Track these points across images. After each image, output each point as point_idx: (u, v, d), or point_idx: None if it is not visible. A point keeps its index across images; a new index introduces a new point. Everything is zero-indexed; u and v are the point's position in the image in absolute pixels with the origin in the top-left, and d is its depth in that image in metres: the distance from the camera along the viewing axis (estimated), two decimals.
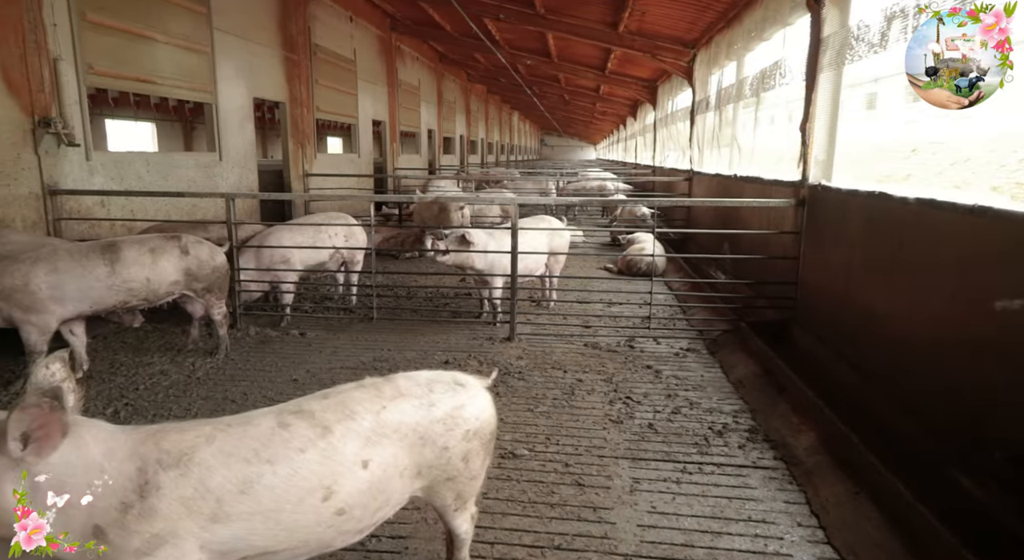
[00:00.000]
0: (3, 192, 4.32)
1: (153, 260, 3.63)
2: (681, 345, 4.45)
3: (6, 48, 4.25)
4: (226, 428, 1.43)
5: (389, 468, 1.52)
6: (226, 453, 1.38)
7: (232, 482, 1.35)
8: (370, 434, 1.50)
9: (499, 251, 4.72)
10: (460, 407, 1.65)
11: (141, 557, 1.27)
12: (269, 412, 1.52)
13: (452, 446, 1.62)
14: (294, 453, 1.41)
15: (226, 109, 7.09)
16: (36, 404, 1.20)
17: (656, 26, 8.13)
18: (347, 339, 4.58)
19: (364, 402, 1.55)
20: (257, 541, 1.39)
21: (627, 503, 2.38)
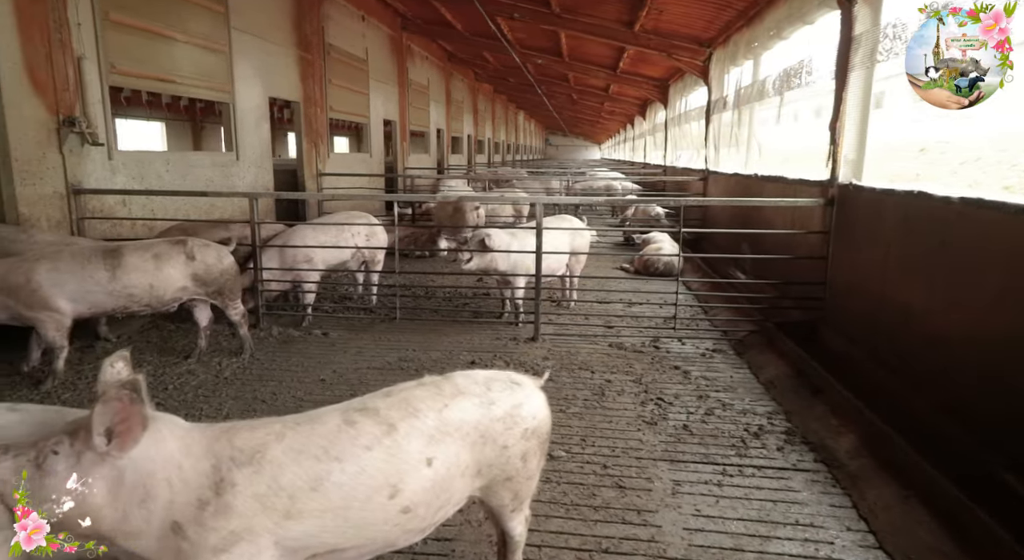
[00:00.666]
0: (29, 191, 4.32)
1: (157, 266, 3.56)
2: (706, 345, 4.42)
3: (32, 47, 4.26)
4: (294, 426, 1.44)
5: (452, 467, 1.52)
6: (296, 450, 1.38)
7: (303, 479, 1.35)
8: (434, 432, 1.50)
9: (523, 251, 4.70)
10: (518, 405, 1.63)
11: (219, 554, 1.27)
12: (334, 410, 1.52)
13: (511, 445, 1.60)
14: (361, 451, 1.42)
15: (243, 108, 7.10)
16: (117, 397, 1.20)
17: (673, 25, 8.08)
18: (370, 339, 4.56)
19: (426, 400, 1.55)
20: (327, 538, 1.39)
21: (670, 506, 2.36)
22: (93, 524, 1.26)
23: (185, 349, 4.24)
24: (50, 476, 1.22)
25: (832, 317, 4.05)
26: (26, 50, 4.22)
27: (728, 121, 8.19)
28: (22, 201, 4.27)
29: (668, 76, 12.45)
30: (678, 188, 11.54)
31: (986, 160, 12.12)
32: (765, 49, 7.40)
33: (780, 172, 5.96)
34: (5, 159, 4.16)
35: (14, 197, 4.22)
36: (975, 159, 12.75)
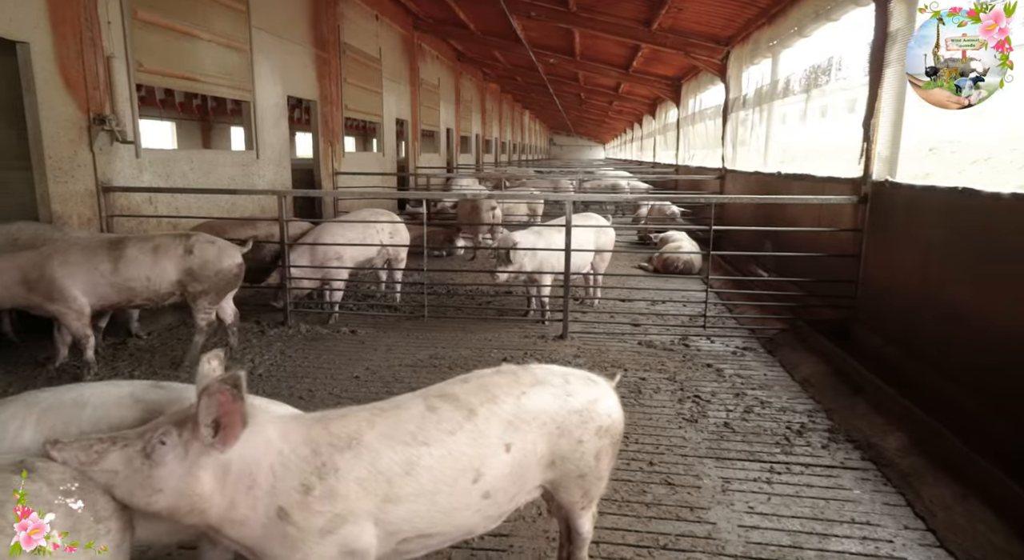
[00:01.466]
0: (61, 189, 4.34)
1: (154, 259, 3.52)
2: (736, 344, 4.40)
3: (64, 46, 4.28)
4: (380, 412, 1.47)
5: (528, 454, 1.52)
6: (388, 436, 1.41)
7: (398, 463, 1.38)
8: (512, 418, 1.51)
9: (550, 249, 4.70)
10: (595, 401, 1.63)
11: (325, 536, 1.30)
12: (415, 396, 1.54)
13: (586, 440, 1.59)
14: (445, 435, 1.44)
15: (263, 107, 7.11)
16: (220, 391, 1.22)
17: (691, 23, 8.06)
18: (398, 337, 4.56)
19: (504, 387, 1.55)
20: (419, 523, 1.41)
21: (723, 503, 2.35)
22: (202, 514, 1.28)
23: (215, 343, 4.25)
24: (159, 466, 1.25)
25: (866, 315, 4.02)
26: (59, 49, 4.24)
27: (747, 119, 8.16)
28: (55, 199, 4.29)
29: (681, 75, 12.41)
30: (692, 187, 11.51)
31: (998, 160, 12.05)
32: (785, 47, 7.37)
33: (803, 170, 5.93)
34: (39, 157, 4.19)
35: (47, 195, 4.24)
36: (985, 159, 12.69)
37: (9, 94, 4.30)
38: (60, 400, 1.51)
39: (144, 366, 3.82)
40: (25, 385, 3.46)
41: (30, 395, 1.54)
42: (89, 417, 1.48)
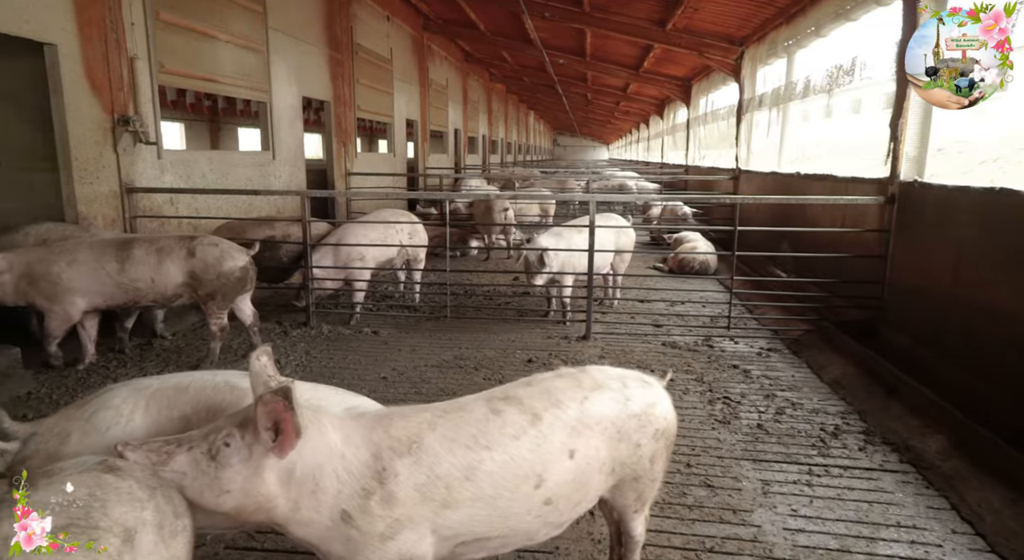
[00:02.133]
0: (87, 190, 4.36)
1: (159, 260, 3.52)
2: (760, 344, 4.38)
3: (90, 47, 4.30)
4: (443, 414, 1.45)
5: (591, 461, 1.50)
6: (449, 439, 1.39)
7: (458, 468, 1.36)
8: (575, 424, 1.49)
9: (574, 249, 4.69)
10: (652, 404, 1.61)
11: (386, 541, 1.31)
12: (478, 398, 1.53)
13: (644, 444, 1.58)
14: (509, 439, 1.42)
15: (279, 108, 7.13)
16: (274, 402, 1.22)
17: (706, 23, 8.04)
18: (421, 337, 4.56)
19: (567, 391, 1.54)
20: (477, 527, 1.40)
21: (765, 506, 2.33)
22: (268, 513, 1.30)
23: (240, 347, 4.26)
24: (225, 468, 1.25)
25: (893, 316, 3.99)
26: (85, 50, 4.26)
27: (762, 119, 8.13)
28: (81, 200, 4.30)
29: (692, 75, 12.38)
30: (703, 187, 11.48)
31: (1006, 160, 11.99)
32: (801, 47, 7.35)
33: (823, 170, 5.90)
34: (65, 158, 4.20)
35: (73, 196, 4.26)
36: (993, 159, 12.64)
37: (35, 96, 4.33)
38: (164, 386, 1.62)
39: (172, 367, 3.83)
40: (56, 385, 3.47)
41: (137, 382, 1.66)
42: (189, 401, 1.57)
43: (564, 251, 4.72)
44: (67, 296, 3.42)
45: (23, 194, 4.45)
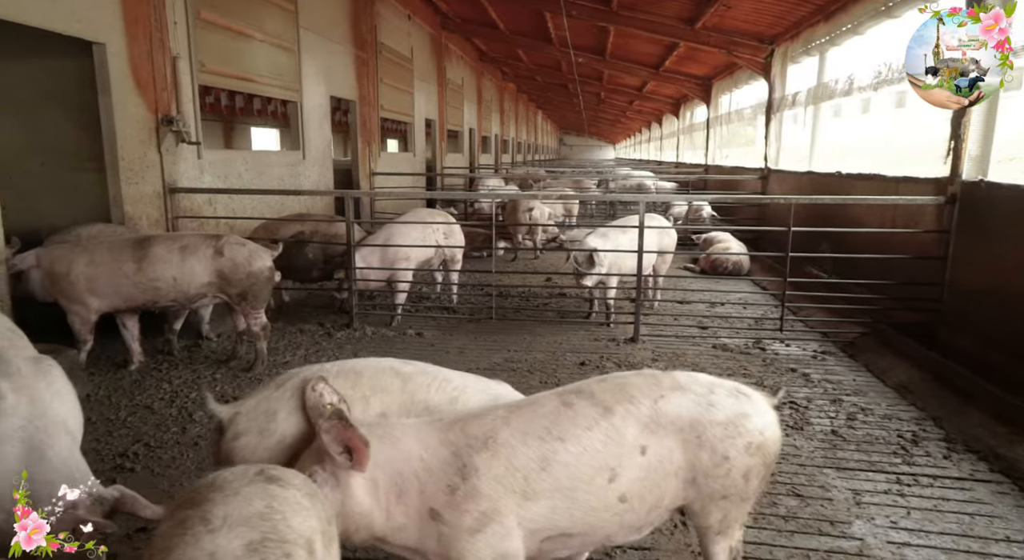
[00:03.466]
0: (132, 190, 4.33)
1: (182, 259, 3.42)
2: (812, 347, 4.31)
3: (136, 46, 4.26)
4: (516, 409, 1.51)
5: (665, 461, 1.48)
6: (522, 432, 1.43)
7: (533, 459, 1.40)
8: (648, 421, 1.48)
9: (623, 249, 4.64)
10: (744, 415, 1.52)
11: (475, 534, 1.36)
12: (549, 394, 1.57)
13: (733, 457, 1.50)
14: (581, 431, 1.45)
15: (308, 107, 7.09)
16: (332, 427, 1.32)
17: (737, 21, 7.95)
18: (466, 339, 4.51)
19: (642, 388, 1.53)
20: (558, 520, 1.43)
21: (862, 517, 2.26)
22: (368, 529, 1.38)
23: (286, 346, 4.22)
24: None
25: (954, 319, 3.90)
26: (132, 50, 4.23)
27: (794, 118, 8.03)
28: (127, 200, 4.28)
29: (713, 74, 12.28)
30: (725, 187, 11.36)
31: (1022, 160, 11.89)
32: (834, 45, 7.25)
33: (862, 169, 5.80)
34: (113, 158, 4.18)
35: (120, 196, 4.23)
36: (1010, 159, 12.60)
37: (81, 95, 4.30)
38: (343, 369, 1.78)
39: (223, 369, 3.79)
40: (113, 387, 3.45)
41: (319, 366, 1.81)
42: (366, 383, 1.73)
43: (614, 252, 4.65)
44: (84, 296, 3.37)
45: (66, 194, 4.43)
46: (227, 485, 1.08)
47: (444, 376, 1.80)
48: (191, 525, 0.97)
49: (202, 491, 1.07)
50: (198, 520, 0.98)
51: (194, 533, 0.95)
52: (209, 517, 0.98)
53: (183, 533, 0.96)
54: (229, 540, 0.95)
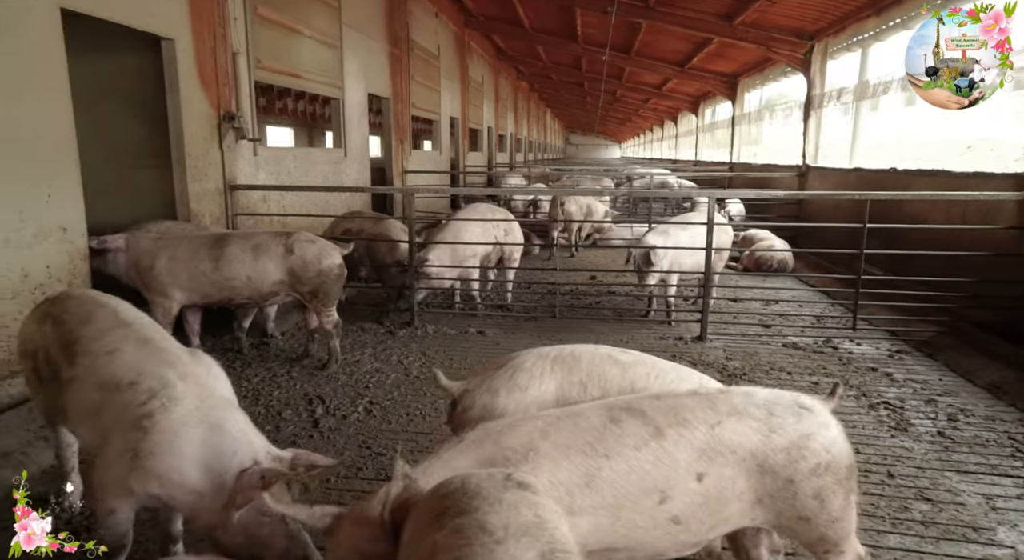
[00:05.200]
0: (197, 187, 4.29)
1: (255, 258, 3.41)
2: (885, 346, 4.23)
3: (201, 43, 4.22)
4: (556, 421, 1.42)
5: (725, 490, 1.40)
6: (564, 445, 1.36)
7: (576, 475, 1.33)
8: (704, 447, 1.39)
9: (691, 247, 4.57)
10: (806, 436, 1.42)
11: None
12: (597, 406, 1.49)
13: (799, 481, 1.40)
14: (629, 450, 1.37)
15: (349, 104, 7.05)
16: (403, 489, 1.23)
17: (779, 17, 7.85)
18: (529, 338, 4.45)
19: (697, 412, 1.44)
20: (604, 537, 1.37)
21: (1004, 523, 2.19)
22: None
23: (352, 345, 4.17)
24: None
25: None
26: (197, 46, 4.19)
27: (835, 114, 7.93)
28: (192, 197, 4.24)
29: (741, 71, 12.17)
30: (755, 184, 11.25)
31: None
32: (878, 40, 7.15)
33: (923, 166, 5.71)
34: (180, 155, 4.14)
35: (186, 193, 4.20)
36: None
37: (143, 92, 4.27)
38: (562, 354, 1.86)
39: (296, 367, 3.75)
40: None
41: (538, 350, 1.92)
42: (584, 369, 1.79)
43: (679, 249, 4.60)
44: (168, 289, 3.38)
45: (127, 191, 4.40)
46: (485, 491, 1.02)
47: (660, 367, 1.83)
48: (473, 535, 0.92)
49: (460, 498, 1.01)
50: (477, 529, 0.92)
51: (481, 543, 0.90)
52: (488, 527, 0.93)
53: (468, 543, 0.90)
54: (522, 551, 0.90)
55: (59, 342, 1.79)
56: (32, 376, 1.94)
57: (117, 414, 1.59)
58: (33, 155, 2.89)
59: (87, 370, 1.69)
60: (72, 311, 1.85)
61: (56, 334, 1.81)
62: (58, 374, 1.77)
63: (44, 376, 1.87)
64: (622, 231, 8.47)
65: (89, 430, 1.70)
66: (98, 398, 1.64)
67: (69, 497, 2.16)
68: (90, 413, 1.66)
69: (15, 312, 2.80)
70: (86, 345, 1.73)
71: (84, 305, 1.88)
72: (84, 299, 1.94)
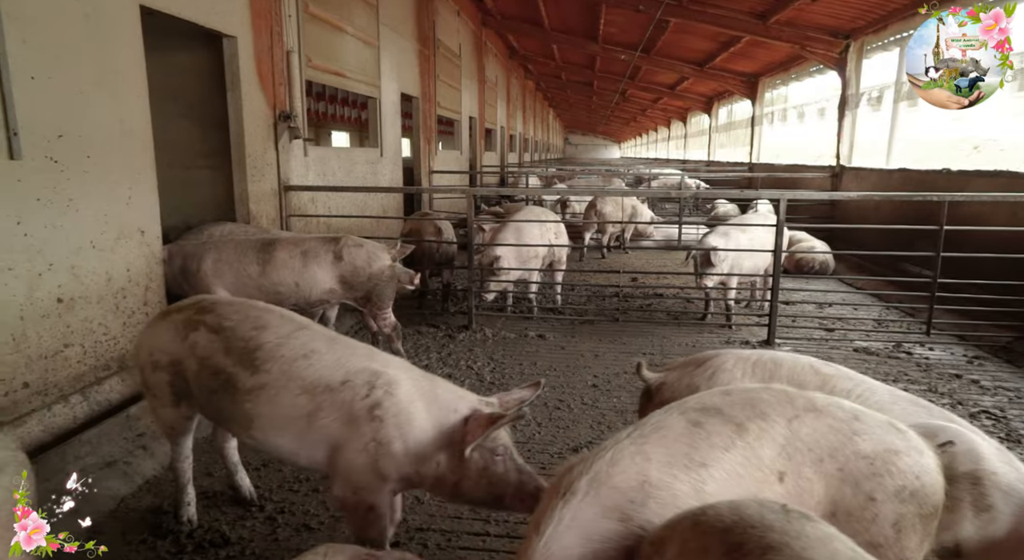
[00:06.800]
0: (255, 187, 4.19)
1: (303, 264, 3.30)
2: (959, 351, 4.15)
3: (259, 41, 4.12)
4: (641, 439, 1.28)
5: (804, 493, 1.26)
6: (667, 464, 1.24)
7: (688, 495, 1.21)
8: (784, 443, 1.29)
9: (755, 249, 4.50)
10: (894, 452, 1.29)
11: None
12: (667, 413, 1.36)
13: (880, 500, 1.26)
14: (720, 453, 1.27)
15: (385, 104, 6.95)
16: None
17: (817, 15, 7.78)
18: (590, 342, 4.36)
19: (774, 405, 1.34)
20: None
21: None
22: None
23: (414, 349, 4.07)
24: None
25: None
26: (256, 44, 4.09)
27: (872, 114, 7.86)
28: (252, 198, 4.14)
29: (764, 70, 12.11)
30: (778, 185, 11.19)
31: None
32: None
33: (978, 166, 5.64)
34: (240, 155, 4.04)
35: (246, 194, 4.09)
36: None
37: (196, 91, 4.18)
38: (762, 358, 1.85)
39: None
40: None
41: (738, 351, 1.93)
42: (785, 375, 1.74)
43: (740, 251, 4.51)
44: (212, 292, 3.25)
45: (179, 192, 4.29)
46: (778, 524, 0.93)
47: (868, 385, 1.70)
48: None
49: (748, 531, 0.92)
50: None
51: None
52: None
53: None
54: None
55: (228, 350, 1.72)
56: (165, 389, 1.85)
57: (340, 413, 1.63)
58: (119, 156, 2.79)
59: (283, 375, 1.66)
60: (235, 317, 1.79)
61: (222, 342, 1.74)
62: (231, 383, 1.69)
63: (191, 388, 1.81)
64: (658, 233, 8.40)
65: (293, 437, 1.68)
66: (307, 402, 1.64)
67: (188, 510, 2.06)
68: (298, 418, 1.65)
69: (100, 317, 2.70)
70: (273, 350, 1.70)
71: (247, 310, 1.83)
72: (242, 305, 1.89)
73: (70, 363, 2.55)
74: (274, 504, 2.24)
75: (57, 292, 2.48)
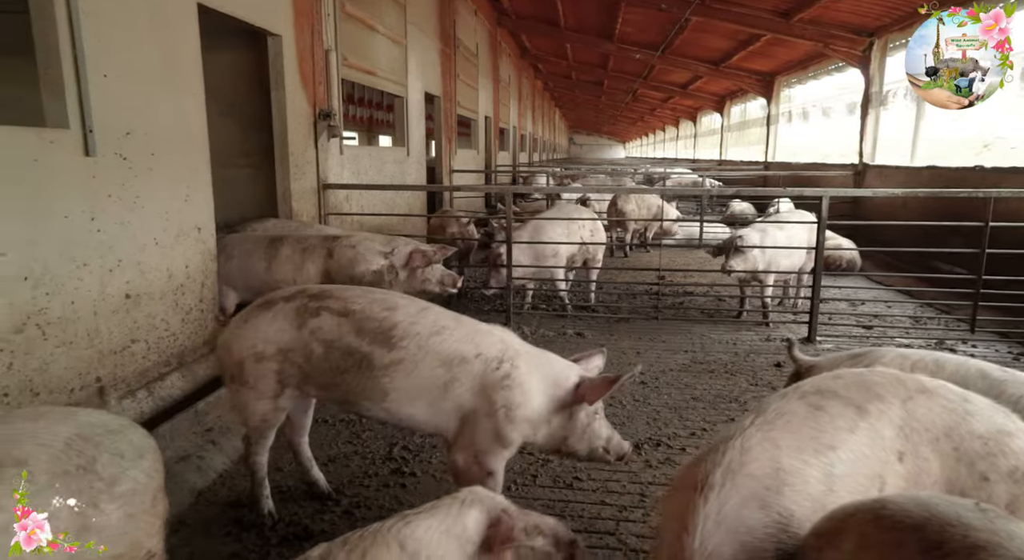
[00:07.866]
0: (296, 186, 4.21)
1: (302, 260, 3.34)
2: (1005, 349, 4.12)
3: (302, 39, 4.14)
4: (766, 426, 1.27)
5: (922, 474, 1.27)
6: (796, 449, 1.23)
7: (820, 481, 1.20)
8: (902, 424, 1.29)
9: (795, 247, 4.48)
10: (1007, 434, 1.30)
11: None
12: (782, 398, 1.36)
13: (995, 480, 1.27)
14: (846, 435, 1.26)
15: (411, 102, 6.97)
16: None
17: (842, 13, 7.75)
18: (630, 340, 4.35)
19: (887, 386, 1.34)
20: None
21: None
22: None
23: None
24: None
25: None
26: (298, 43, 4.10)
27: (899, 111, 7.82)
28: (294, 196, 4.16)
29: (780, 69, 12.07)
30: (797, 183, 11.15)
31: None
32: None
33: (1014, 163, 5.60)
34: (283, 153, 4.06)
35: (288, 191, 4.11)
36: None
37: (238, 89, 4.20)
38: (925, 358, 1.82)
39: None
40: None
41: (898, 350, 1.92)
42: (947, 377, 1.62)
43: (777, 248, 4.50)
44: (223, 288, 3.35)
45: (222, 191, 4.29)
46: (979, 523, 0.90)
47: None
48: None
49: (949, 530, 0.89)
50: None
51: None
52: None
53: None
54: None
55: (360, 330, 1.84)
56: (269, 379, 1.88)
57: (474, 382, 1.81)
58: (179, 154, 2.81)
59: (420, 349, 1.82)
60: (361, 301, 1.91)
61: (352, 324, 1.85)
62: (368, 361, 1.82)
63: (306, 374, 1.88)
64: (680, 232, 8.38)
65: (426, 406, 1.84)
66: (444, 373, 1.81)
67: (267, 503, 2.07)
68: (433, 388, 1.82)
69: (161, 313, 2.72)
70: (408, 328, 1.84)
71: (368, 294, 1.97)
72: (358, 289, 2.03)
73: (136, 358, 2.57)
74: (348, 498, 2.25)
75: (125, 288, 2.50)
